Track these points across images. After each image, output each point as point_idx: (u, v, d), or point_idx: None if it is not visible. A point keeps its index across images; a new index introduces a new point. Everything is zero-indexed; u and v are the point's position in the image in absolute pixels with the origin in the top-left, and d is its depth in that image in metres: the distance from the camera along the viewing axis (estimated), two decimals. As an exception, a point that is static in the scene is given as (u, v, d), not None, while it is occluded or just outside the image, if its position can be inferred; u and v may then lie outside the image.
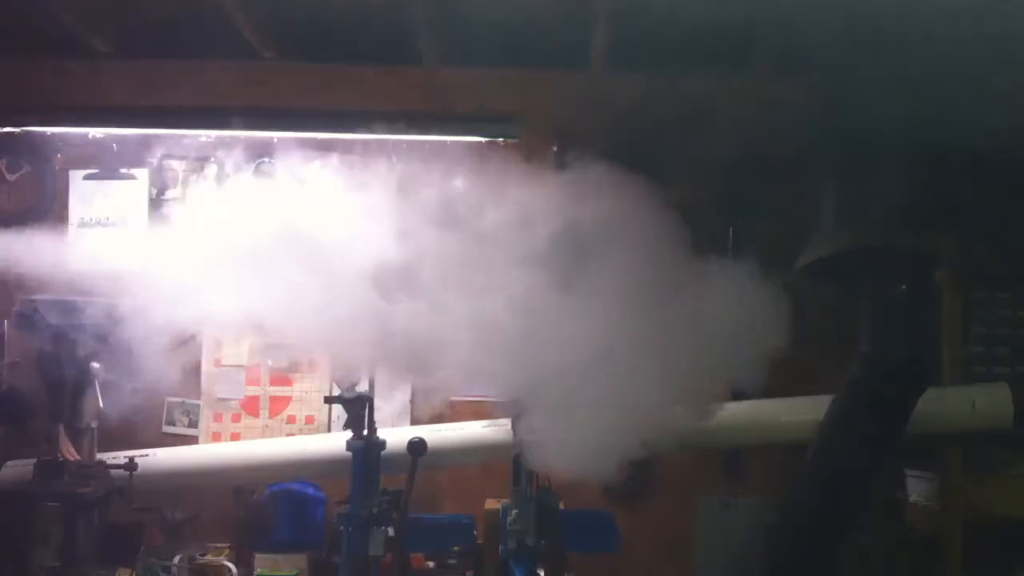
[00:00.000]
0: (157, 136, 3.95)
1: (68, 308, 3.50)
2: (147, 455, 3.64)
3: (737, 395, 3.85)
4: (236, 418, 4.08)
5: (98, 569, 3.44)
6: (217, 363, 4.09)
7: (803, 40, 3.51)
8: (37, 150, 4.06)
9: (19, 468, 3.66)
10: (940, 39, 3.18)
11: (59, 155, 4.09)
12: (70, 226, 4.10)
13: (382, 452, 3.37)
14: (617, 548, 3.46)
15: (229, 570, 3.61)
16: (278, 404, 4.08)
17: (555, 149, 3.99)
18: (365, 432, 3.39)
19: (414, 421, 4.04)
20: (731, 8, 3.50)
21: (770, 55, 3.79)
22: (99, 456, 3.55)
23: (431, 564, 3.67)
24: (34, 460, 3.47)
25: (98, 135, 3.91)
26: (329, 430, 4.03)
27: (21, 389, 3.85)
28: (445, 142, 3.93)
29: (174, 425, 4.08)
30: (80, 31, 3.76)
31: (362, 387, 3.44)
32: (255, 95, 3.85)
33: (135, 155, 4.09)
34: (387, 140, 3.97)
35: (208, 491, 3.89)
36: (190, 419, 4.08)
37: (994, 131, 3.51)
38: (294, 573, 3.66)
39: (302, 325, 2.96)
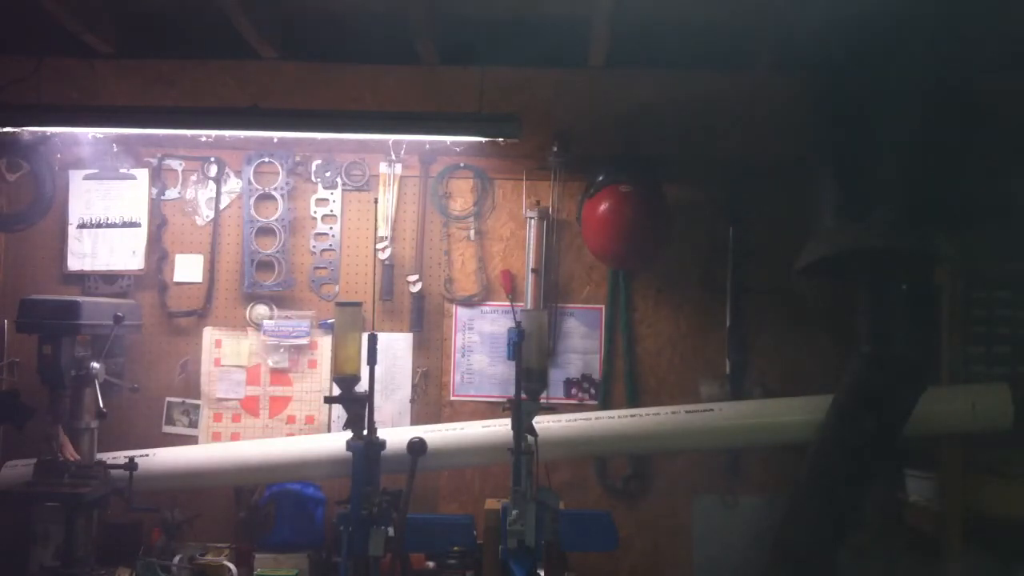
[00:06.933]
0: (157, 136, 3.95)
1: (68, 308, 3.51)
2: (147, 455, 3.65)
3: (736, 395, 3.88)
4: (236, 418, 4.08)
5: (98, 569, 3.44)
6: (217, 363, 4.09)
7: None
8: (37, 150, 4.06)
9: (19, 468, 3.67)
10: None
11: (59, 155, 4.09)
12: (70, 226, 4.11)
13: (382, 452, 3.38)
14: (615, 547, 3.47)
15: (229, 570, 3.61)
16: (278, 404, 4.08)
17: (555, 149, 4.00)
18: (365, 432, 3.39)
19: (414, 421, 4.05)
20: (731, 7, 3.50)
21: (769, 53, 3.79)
22: (99, 456, 3.55)
23: (431, 564, 3.67)
24: (34, 460, 3.48)
25: (98, 135, 3.91)
26: (329, 430, 4.03)
27: (20, 389, 3.86)
28: (445, 142, 3.94)
29: (174, 425, 4.08)
30: (80, 31, 3.76)
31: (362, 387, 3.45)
32: (255, 95, 3.85)
33: (135, 155, 4.10)
34: (387, 140, 3.98)
35: (208, 491, 3.90)
36: (190, 419, 4.08)
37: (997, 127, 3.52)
38: (294, 573, 3.66)
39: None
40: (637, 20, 3.58)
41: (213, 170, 4.15)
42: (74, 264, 4.10)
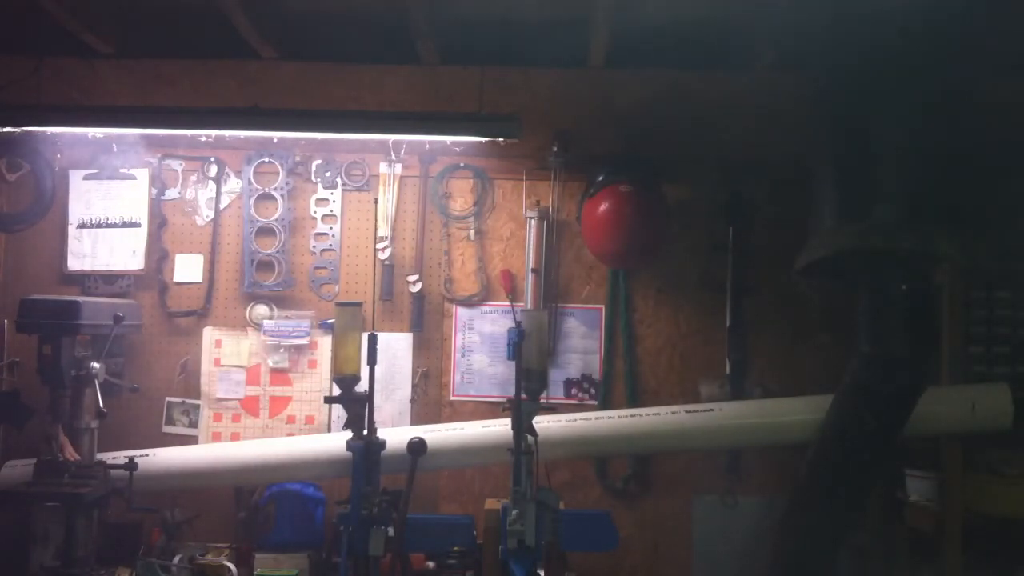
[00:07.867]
0: (157, 136, 3.95)
1: (68, 308, 3.51)
2: (147, 455, 3.65)
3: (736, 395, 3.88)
4: (236, 418, 4.08)
5: (98, 569, 3.44)
6: (217, 363, 4.09)
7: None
8: (37, 150, 4.06)
9: (19, 468, 3.67)
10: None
11: (59, 155, 4.09)
12: (70, 226, 4.11)
13: (382, 452, 3.38)
14: (615, 547, 3.47)
15: (229, 570, 3.61)
16: (278, 404, 4.08)
17: (555, 149, 4.00)
18: (365, 432, 3.39)
19: (414, 421, 4.05)
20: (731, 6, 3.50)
21: (769, 53, 3.78)
22: (99, 456, 3.55)
23: (431, 564, 3.67)
24: (34, 460, 3.47)
25: (98, 135, 3.91)
26: (329, 430, 4.03)
27: (20, 389, 3.86)
28: (445, 142, 3.94)
29: (174, 425, 4.08)
30: (80, 31, 3.76)
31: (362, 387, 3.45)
32: (255, 95, 3.85)
33: (135, 155, 4.10)
34: (387, 140, 3.98)
35: (208, 491, 3.90)
36: (190, 419, 4.08)
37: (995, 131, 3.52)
38: (294, 573, 3.66)
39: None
40: (637, 20, 3.58)
41: (213, 170, 4.15)
42: (74, 264, 4.10)
